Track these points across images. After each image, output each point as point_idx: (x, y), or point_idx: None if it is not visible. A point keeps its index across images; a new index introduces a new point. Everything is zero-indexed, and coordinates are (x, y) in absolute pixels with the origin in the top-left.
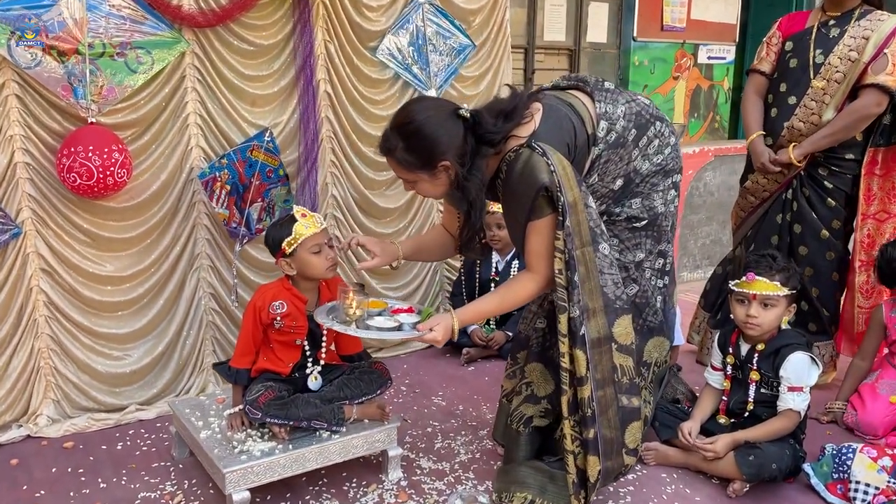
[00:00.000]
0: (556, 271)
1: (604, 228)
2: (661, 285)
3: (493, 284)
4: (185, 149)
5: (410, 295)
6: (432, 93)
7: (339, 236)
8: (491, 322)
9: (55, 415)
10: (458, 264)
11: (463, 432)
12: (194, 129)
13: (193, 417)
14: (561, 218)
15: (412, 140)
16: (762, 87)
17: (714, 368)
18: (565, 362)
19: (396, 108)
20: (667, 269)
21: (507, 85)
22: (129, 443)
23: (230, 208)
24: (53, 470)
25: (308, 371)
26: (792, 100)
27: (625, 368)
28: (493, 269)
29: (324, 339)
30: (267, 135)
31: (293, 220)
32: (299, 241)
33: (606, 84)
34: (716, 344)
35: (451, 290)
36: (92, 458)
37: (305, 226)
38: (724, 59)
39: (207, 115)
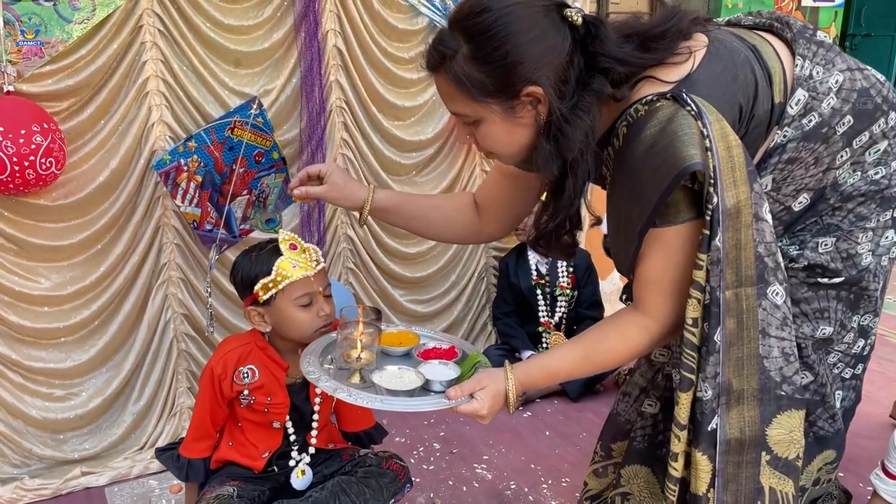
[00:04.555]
0: (689, 322)
1: (780, 261)
2: (848, 376)
3: (538, 292)
4: (144, 126)
5: (447, 308)
6: None
7: (353, 283)
8: (545, 341)
9: None
10: None
11: None
12: (156, 99)
13: None
14: (707, 231)
15: (485, 41)
16: None
17: (889, 475)
18: (675, 467)
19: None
20: (864, 353)
21: None
22: None
23: (202, 206)
24: None
25: (292, 463)
26: None
27: (779, 496)
28: (535, 272)
29: (315, 416)
30: (255, 106)
31: (276, 251)
32: (281, 286)
33: (819, 35)
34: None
35: (492, 312)
36: None
37: (293, 263)
38: (832, 0)
39: (174, 80)
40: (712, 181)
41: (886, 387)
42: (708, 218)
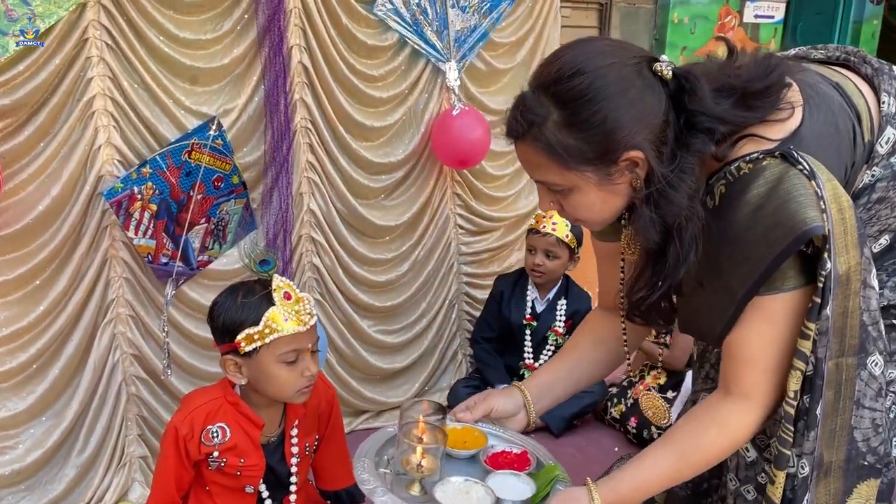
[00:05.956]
0: (791, 395)
1: (882, 329)
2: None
3: (527, 330)
4: (90, 149)
5: (417, 338)
6: (452, 66)
7: (318, 314)
8: (525, 374)
9: None
10: (481, 295)
11: None
12: (103, 120)
13: None
14: (819, 299)
15: (580, 107)
16: None
17: None
18: None
19: (402, 87)
20: None
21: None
22: None
23: (158, 237)
24: None
25: None
26: None
27: None
28: (530, 310)
29: (293, 478)
30: (213, 127)
31: (268, 298)
32: (268, 340)
33: None
34: None
35: (471, 333)
36: None
37: (285, 316)
38: (772, 17)
39: (124, 99)
40: (829, 246)
41: None
42: (820, 285)
